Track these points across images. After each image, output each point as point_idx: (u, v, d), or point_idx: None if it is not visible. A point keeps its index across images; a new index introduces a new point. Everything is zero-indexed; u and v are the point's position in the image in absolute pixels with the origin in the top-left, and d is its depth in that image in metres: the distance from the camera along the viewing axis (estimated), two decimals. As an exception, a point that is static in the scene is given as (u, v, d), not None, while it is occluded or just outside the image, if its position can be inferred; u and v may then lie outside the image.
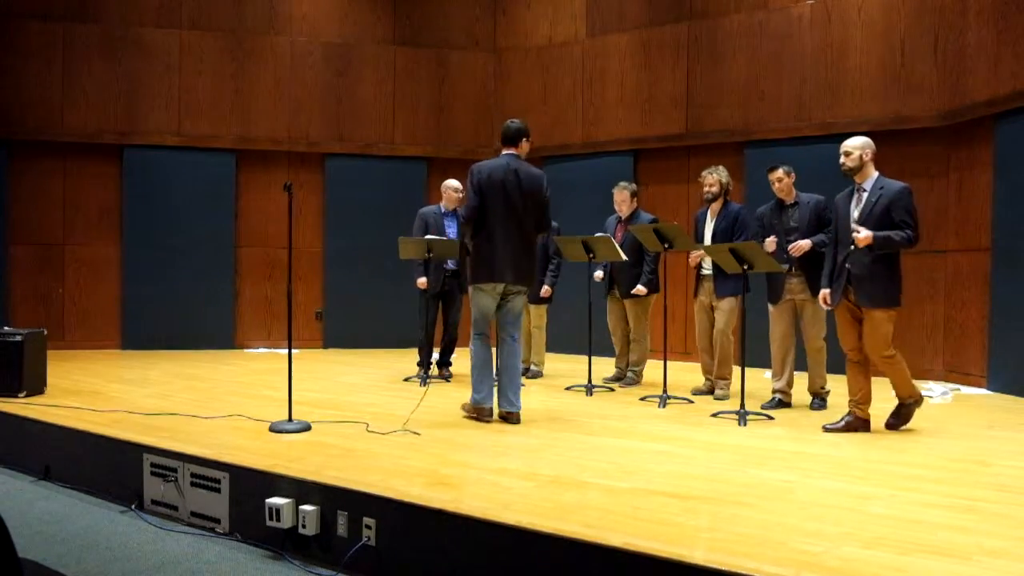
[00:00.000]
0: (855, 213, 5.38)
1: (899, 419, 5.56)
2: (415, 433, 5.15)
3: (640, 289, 7.25)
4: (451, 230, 7.67)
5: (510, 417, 5.59)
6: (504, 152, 5.70)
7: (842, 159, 5.42)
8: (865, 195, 5.36)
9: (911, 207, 5.28)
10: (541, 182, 5.67)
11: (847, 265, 5.37)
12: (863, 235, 5.24)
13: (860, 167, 5.38)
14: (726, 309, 6.72)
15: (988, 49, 7.66)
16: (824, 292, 5.53)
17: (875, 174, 5.39)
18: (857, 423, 5.48)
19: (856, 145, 5.41)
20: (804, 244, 6.11)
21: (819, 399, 6.31)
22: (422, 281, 7.59)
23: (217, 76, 10.37)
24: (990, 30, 7.64)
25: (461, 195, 7.61)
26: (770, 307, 6.40)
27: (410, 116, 10.93)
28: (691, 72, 9.63)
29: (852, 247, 5.31)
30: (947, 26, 8.12)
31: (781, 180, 6.33)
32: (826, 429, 5.49)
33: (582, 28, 10.46)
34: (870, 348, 5.38)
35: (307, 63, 10.61)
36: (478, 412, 5.65)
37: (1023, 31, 7.31)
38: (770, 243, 6.24)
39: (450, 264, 7.63)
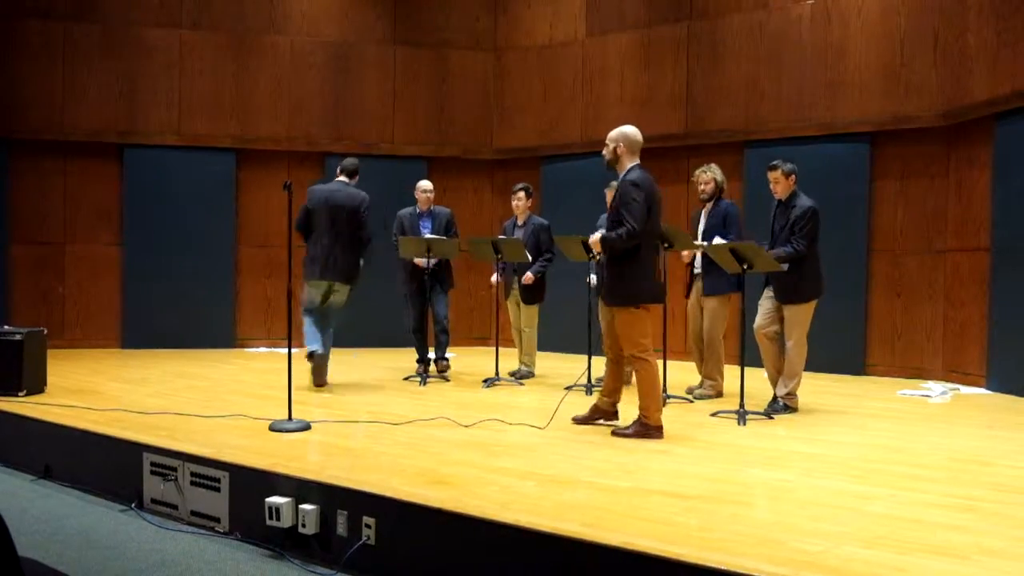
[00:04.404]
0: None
1: (629, 429, 5.16)
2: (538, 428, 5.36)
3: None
4: (426, 230, 7.71)
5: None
6: (338, 179, 6.98)
7: (603, 150, 5.28)
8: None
9: (629, 200, 5.01)
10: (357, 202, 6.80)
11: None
12: (593, 238, 5.24)
13: (616, 159, 5.19)
14: (712, 308, 6.75)
15: (988, 49, 7.66)
16: None
17: (628, 166, 5.18)
18: (600, 413, 5.51)
19: (613, 136, 5.22)
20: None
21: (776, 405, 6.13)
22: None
23: (217, 75, 10.37)
24: (990, 30, 7.64)
25: (431, 195, 7.89)
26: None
27: (410, 116, 10.93)
28: (691, 72, 9.63)
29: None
30: (947, 26, 8.12)
31: (778, 182, 6.21)
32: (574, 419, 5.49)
33: (582, 28, 10.46)
34: (622, 345, 5.23)
35: (307, 63, 10.61)
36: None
37: (1023, 31, 7.31)
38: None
39: (425, 262, 7.65)
